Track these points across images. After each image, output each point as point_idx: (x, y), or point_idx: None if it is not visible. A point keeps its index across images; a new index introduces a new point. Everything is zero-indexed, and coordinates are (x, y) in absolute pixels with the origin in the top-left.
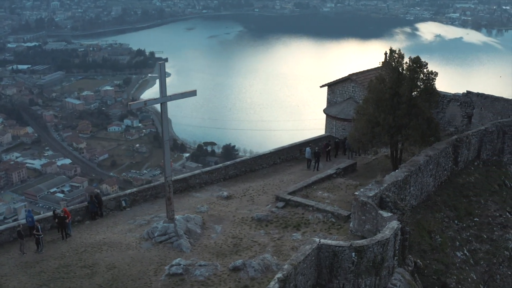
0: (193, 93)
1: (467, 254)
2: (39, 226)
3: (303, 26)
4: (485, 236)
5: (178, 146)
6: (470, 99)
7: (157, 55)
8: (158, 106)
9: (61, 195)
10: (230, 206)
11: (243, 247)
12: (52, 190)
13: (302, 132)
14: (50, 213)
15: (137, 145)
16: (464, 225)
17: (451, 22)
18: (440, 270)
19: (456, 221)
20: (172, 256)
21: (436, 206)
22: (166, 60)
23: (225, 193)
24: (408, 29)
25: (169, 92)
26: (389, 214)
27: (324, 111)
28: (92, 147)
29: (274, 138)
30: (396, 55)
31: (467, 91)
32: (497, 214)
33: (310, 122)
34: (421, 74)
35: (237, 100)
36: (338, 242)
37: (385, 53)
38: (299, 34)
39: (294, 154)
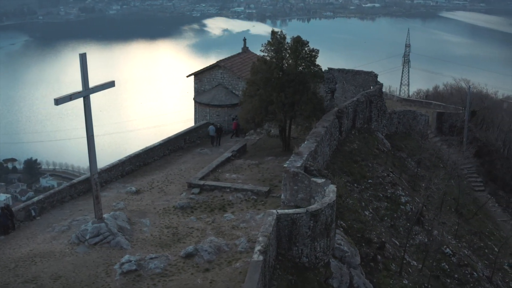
0: (111, 84)
1: (373, 212)
2: None
3: (90, 30)
4: (381, 195)
5: None
6: (332, 75)
7: None
8: None
9: None
10: (145, 199)
11: (182, 235)
12: None
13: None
14: None
15: None
16: (363, 187)
17: (237, 16)
18: (361, 228)
19: (355, 184)
20: (115, 255)
21: (336, 173)
22: None
23: (133, 188)
24: (196, 26)
25: None
26: (323, 180)
27: (195, 99)
28: None
29: (80, 146)
30: (279, 36)
31: (328, 68)
32: (385, 174)
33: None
34: (303, 52)
35: (32, 112)
36: (295, 210)
37: (244, 39)
38: (86, 38)
39: (179, 144)
